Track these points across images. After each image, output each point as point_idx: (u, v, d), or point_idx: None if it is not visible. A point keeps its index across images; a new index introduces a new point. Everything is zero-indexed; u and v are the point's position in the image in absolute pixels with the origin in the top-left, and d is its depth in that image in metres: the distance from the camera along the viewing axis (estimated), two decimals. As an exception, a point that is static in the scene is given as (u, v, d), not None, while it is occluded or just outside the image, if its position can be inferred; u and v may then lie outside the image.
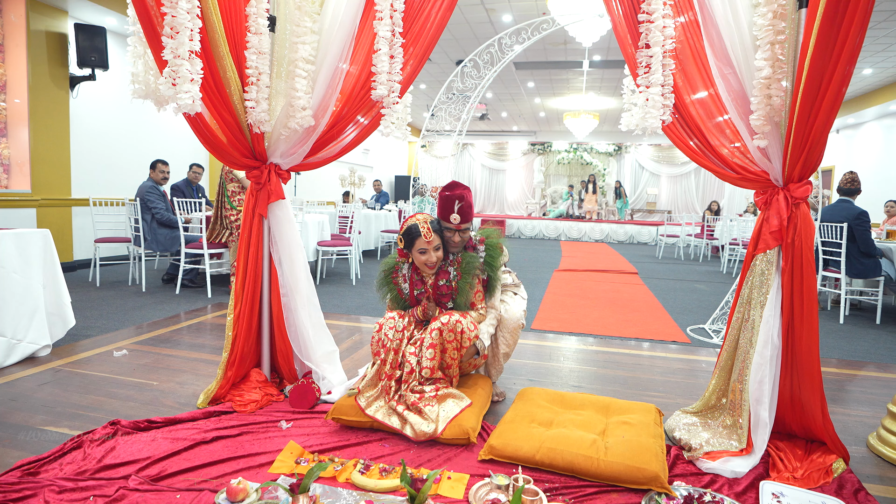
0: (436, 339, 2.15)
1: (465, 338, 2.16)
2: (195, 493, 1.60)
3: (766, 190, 2.00)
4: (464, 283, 2.27)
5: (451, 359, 2.19)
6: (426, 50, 2.36)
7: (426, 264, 2.24)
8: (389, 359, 2.18)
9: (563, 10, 5.18)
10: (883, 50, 7.86)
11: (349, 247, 5.81)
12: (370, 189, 13.26)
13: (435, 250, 2.23)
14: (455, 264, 2.30)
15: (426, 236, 2.20)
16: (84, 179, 6.20)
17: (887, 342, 3.98)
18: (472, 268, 2.29)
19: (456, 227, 2.28)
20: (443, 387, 2.16)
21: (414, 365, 2.16)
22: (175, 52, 1.88)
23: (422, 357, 2.16)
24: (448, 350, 2.17)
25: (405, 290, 2.36)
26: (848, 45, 1.63)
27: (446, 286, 2.30)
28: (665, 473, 1.74)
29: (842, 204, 4.71)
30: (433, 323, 2.18)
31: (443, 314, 2.21)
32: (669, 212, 16.14)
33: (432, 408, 2.06)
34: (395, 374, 2.17)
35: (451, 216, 2.27)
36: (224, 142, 2.26)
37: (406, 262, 2.36)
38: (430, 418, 2.02)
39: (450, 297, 2.31)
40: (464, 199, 2.27)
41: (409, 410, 2.07)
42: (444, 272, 2.31)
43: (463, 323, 2.16)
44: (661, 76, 2.04)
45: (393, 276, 2.38)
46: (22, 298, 2.82)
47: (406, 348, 2.19)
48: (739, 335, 2.06)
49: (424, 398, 2.09)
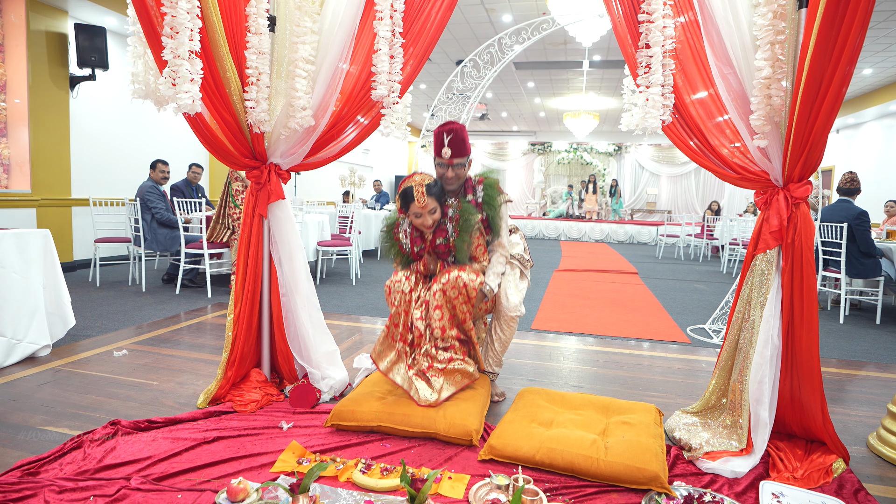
0: (440, 300, 2.16)
1: (469, 289, 2.17)
2: (196, 493, 1.60)
3: (766, 190, 2.00)
4: (461, 242, 2.25)
5: (463, 313, 2.19)
6: (426, 50, 2.36)
7: (422, 226, 2.27)
8: (400, 321, 2.22)
9: (563, 10, 5.18)
10: (883, 50, 7.86)
11: (349, 247, 5.81)
12: (370, 189, 13.26)
13: (430, 213, 2.22)
14: (453, 221, 2.28)
15: (419, 201, 2.19)
16: (84, 179, 6.20)
17: (887, 342, 3.98)
18: (470, 226, 2.26)
19: (448, 161, 2.28)
20: (457, 358, 2.18)
21: (423, 329, 2.18)
22: (175, 52, 1.88)
23: (430, 319, 2.17)
24: (457, 306, 2.18)
25: (406, 246, 2.37)
26: (848, 45, 1.63)
27: (443, 244, 2.29)
28: (665, 473, 1.74)
29: (842, 204, 4.71)
30: (434, 284, 2.20)
31: (443, 272, 2.22)
32: (669, 212, 16.14)
33: (437, 379, 2.13)
34: (408, 336, 2.21)
35: (443, 150, 2.27)
36: (224, 142, 2.25)
37: (406, 218, 2.37)
38: (434, 388, 2.11)
39: (449, 254, 2.31)
40: (453, 132, 2.26)
41: (418, 376, 2.15)
42: (441, 230, 2.30)
43: (463, 276, 2.17)
44: (661, 76, 2.04)
45: (394, 232, 2.40)
46: (22, 298, 2.82)
47: (413, 312, 2.20)
48: (739, 335, 2.06)
49: (433, 368, 2.14)
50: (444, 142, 2.27)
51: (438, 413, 2.07)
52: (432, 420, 2.03)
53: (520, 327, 3.92)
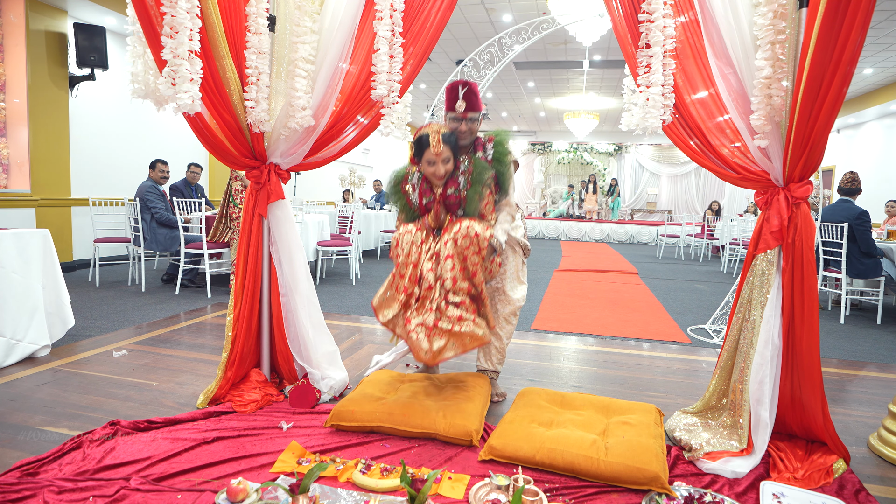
0: (451, 249, 2.12)
1: (481, 239, 2.13)
2: (196, 494, 1.60)
3: (767, 190, 1.99)
4: (473, 193, 2.24)
5: (474, 265, 2.14)
6: (426, 50, 2.36)
7: (434, 175, 2.23)
8: (408, 273, 2.16)
9: (563, 9, 5.18)
10: (884, 50, 7.86)
11: (349, 247, 5.80)
12: (370, 189, 13.26)
13: (444, 163, 2.20)
14: (466, 174, 2.26)
15: (434, 148, 2.17)
16: (83, 179, 6.20)
17: (888, 342, 3.97)
18: (483, 178, 2.25)
19: (461, 115, 2.29)
20: (467, 318, 2.10)
21: (432, 281, 2.13)
22: (174, 51, 1.88)
23: (442, 270, 2.12)
24: (468, 257, 2.13)
25: (414, 200, 2.34)
26: (849, 44, 1.62)
27: (454, 195, 2.26)
28: (665, 474, 1.74)
29: (842, 204, 4.70)
30: (445, 235, 2.16)
31: (453, 223, 2.19)
32: (670, 212, 16.14)
33: (440, 340, 2.07)
34: (414, 290, 2.15)
35: (457, 104, 2.28)
36: (224, 142, 2.25)
37: (416, 172, 2.34)
38: (435, 349, 2.05)
39: (459, 206, 2.28)
40: (468, 86, 2.28)
41: (421, 328, 2.08)
42: (453, 181, 2.27)
43: (475, 226, 2.14)
44: (661, 76, 2.04)
45: (402, 185, 2.37)
46: (21, 298, 2.82)
47: (423, 264, 2.16)
48: (740, 335, 2.06)
49: (438, 328, 2.08)
50: (458, 95, 2.28)
51: (438, 413, 2.06)
52: (432, 420, 2.03)
53: (520, 327, 3.92)
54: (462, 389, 2.30)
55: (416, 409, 2.09)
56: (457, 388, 2.32)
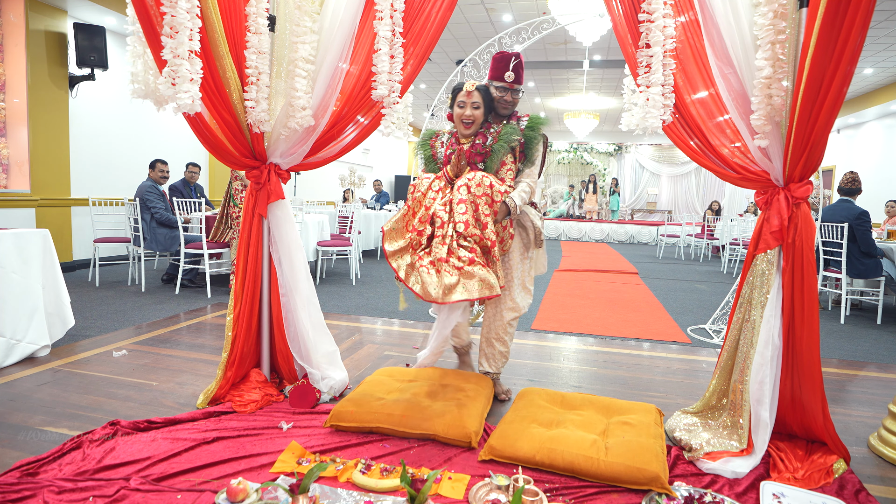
0: (464, 194, 2.14)
1: (495, 191, 2.16)
2: (196, 494, 1.60)
3: (767, 190, 1.99)
4: (498, 147, 2.29)
5: (486, 215, 2.15)
6: (426, 50, 2.36)
7: (462, 119, 2.30)
8: (420, 213, 2.20)
9: (563, 9, 5.17)
10: (884, 49, 7.86)
11: (349, 247, 5.80)
12: (370, 189, 13.25)
13: (472, 107, 2.29)
14: (495, 134, 2.33)
15: (467, 89, 2.29)
16: (83, 179, 6.19)
17: (888, 342, 3.97)
18: (510, 137, 2.31)
19: (509, 85, 2.35)
20: (479, 261, 2.08)
21: (445, 219, 2.15)
22: (174, 51, 1.88)
23: (454, 213, 2.14)
24: (479, 206, 2.14)
25: (440, 152, 2.42)
26: (849, 44, 1.62)
27: (480, 146, 2.32)
28: (665, 474, 1.74)
29: (842, 204, 4.70)
30: (459, 181, 2.19)
31: (469, 172, 2.22)
32: (670, 212, 16.14)
33: (451, 276, 2.03)
34: (425, 229, 2.17)
35: (506, 73, 2.33)
36: (224, 142, 2.25)
37: (448, 133, 2.45)
38: (443, 283, 2.01)
39: (482, 159, 2.32)
40: (519, 58, 2.35)
41: (427, 267, 2.08)
42: (481, 135, 2.35)
43: (490, 177, 2.18)
44: (661, 76, 2.04)
45: (432, 140, 2.49)
46: (21, 298, 2.82)
47: (436, 206, 2.19)
48: (740, 335, 2.06)
49: (448, 263, 2.06)
50: (509, 65, 2.32)
51: (437, 414, 2.06)
52: (431, 421, 2.02)
53: (520, 327, 3.92)
54: (463, 390, 2.30)
55: (416, 410, 2.09)
56: (458, 388, 2.32)
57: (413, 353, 3.21)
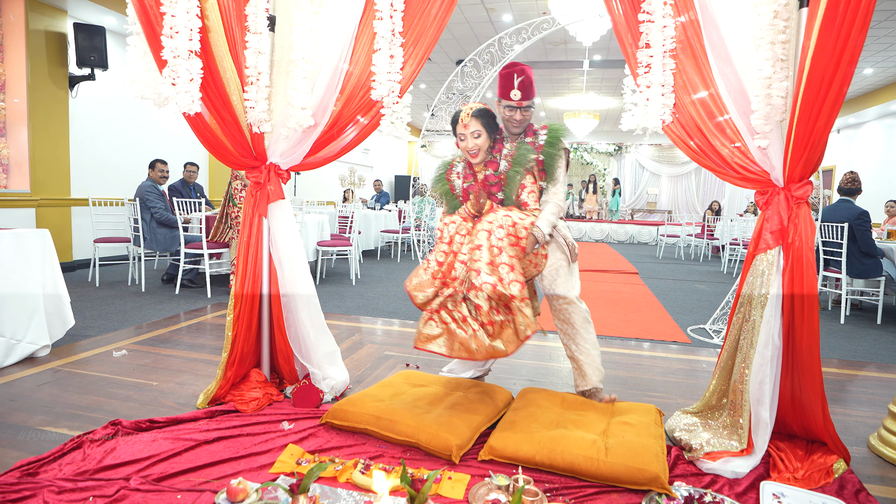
0: (483, 240, 2.04)
1: (518, 229, 2.05)
2: (196, 494, 1.60)
3: (767, 190, 1.99)
4: (513, 173, 2.20)
5: (511, 257, 2.03)
6: (426, 50, 2.36)
7: (467, 152, 2.23)
8: (447, 261, 2.13)
9: (563, 9, 5.17)
10: (884, 49, 7.86)
11: (349, 247, 5.80)
12: (370, 189, 13.26)
13: (473, 137, 2.19)
14: (508, 157, 2.23)
15: (462, 121, 2.20)
16: (83, 179, 6.19)
17: (888, 342, 3.97)
18: (524, 160, 2.20)
19: (517, 103, 2.24)
20: (472, 324, 2.01)
21: (461, 273, 2.06)
22: (175, 51, 1.88)
23: (470, 261, 2.05)
24: (504, 250, 2.02)
25: (457, 186, 2.34)
26: (849, 44, 1.62)
27: (493, 175, 2.23)
28: (665, 474, 1.74)
29: (842, 204, 4.70)
30: (479, 223, 2.10)
31: (490, 212, 2.12)
32: (670, 212, 16.13)
33: (436, 328, 2.04)
34: (447, 279, 2.11)
35: (512, 92, 2.22)
36: (224, 142, 2.25)
37: (462, 161, 2.35)
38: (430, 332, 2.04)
39: (499, 188, 2.24)
40: (524, 74, 2.22)
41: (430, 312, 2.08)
42: (493, 163, 2.26)
43: (512, 215, 2.08)
44: (661, 76, 2.04)
45: (447, 174, 2.39)
46: (21, 298, 2.82)
47: (460, 255, 2.11)
48: (740, 335, 2.06)
49: (441, 316, 2.05)
50: (513, 83, 2.20)
51: (426, 423, 1.98)
52: (416, 429, 1.95)
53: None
54: (469, 401, 2.21)
55: (406, 416, 2.02)
56: (464, 397, 2.26)
57: (413, 353, 3.21)
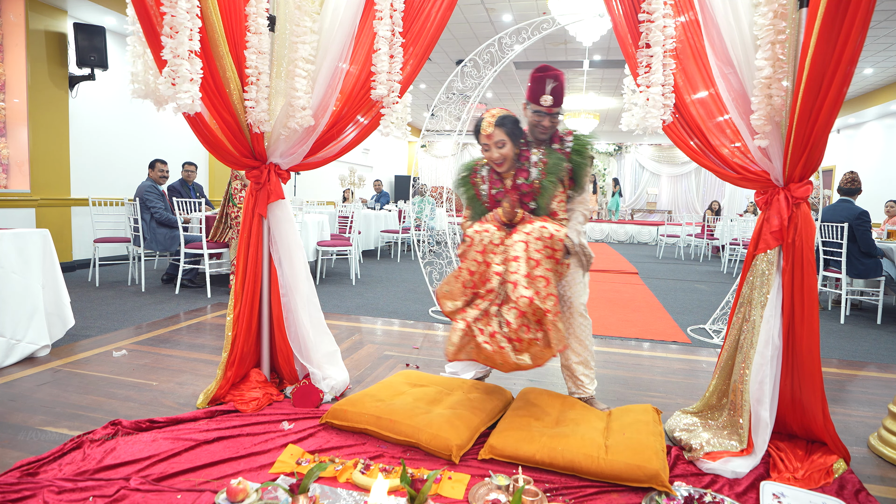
0: (520, 251, 2.01)
1: (555, 241, 2.01)
2: (196, 494, 1.60)
3: (767, 190, 1.99)
4: (548, 183, 2.13)
5: (548, 270, 2.00)
6: (426, 50, 2.36)
7: (491, 160, 2.16)
8: (478, 271, 2.07)
9: (563, 9, 5.17)
10: (884, 49, 7.85)
11: (349, 247, 5.80)
12: (370, 189, 13.26)
13: (497, 147, 2.12)
14: (539, 165, 2.17)
15: (485, 130, 2.11)
16: (83, 179, 6.19)
17: (888, 342, 3.97)
18: (558, 169, 2.15)
19: (547, 109, 2.17)
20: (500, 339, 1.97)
21: (496, 285, 2.03)
22: (174, 51, 1.88)
23: (506, 273, 2.01)
24: (541, 262, 2.00)
25: (483, 192, 2.25)
26: (849, 44, 1.62)
27: (526, 185, 2.16)
28: (666, 472, 1.74)
29: (842, 204, 4.70)
30: (515, 234, 2.05)
31: (525, 222, 2.08)
32: (670, 212, 16.12)
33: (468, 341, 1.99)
34: (480, 290, 2.06)
35: (542, 97, 2.15)
36: (224, 142, 2.25)
37: (486, 165, 2.27)
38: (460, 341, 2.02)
39: (531, 198, 2.16)
40: (558, 80, 2.15)
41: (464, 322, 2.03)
42: (523, 171, 2.18)
43: (548, 227, 2.03)
44: (661, 76, 2.04)
45: (471, 177, 2.29)
46: (21, 298, 2.82)
47: (493, 266, 2.05)
48: (740, 335, 2.06)
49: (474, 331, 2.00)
50: (545, 88, 2.13)
51: (426, 423, 1.98)
52: (417, 429, 1.95)
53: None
54: (469, 401, 2.20)
55: (406, 416, 2.02)
56: (464, 398, 2.25)
57: (413, 353, 3.21)
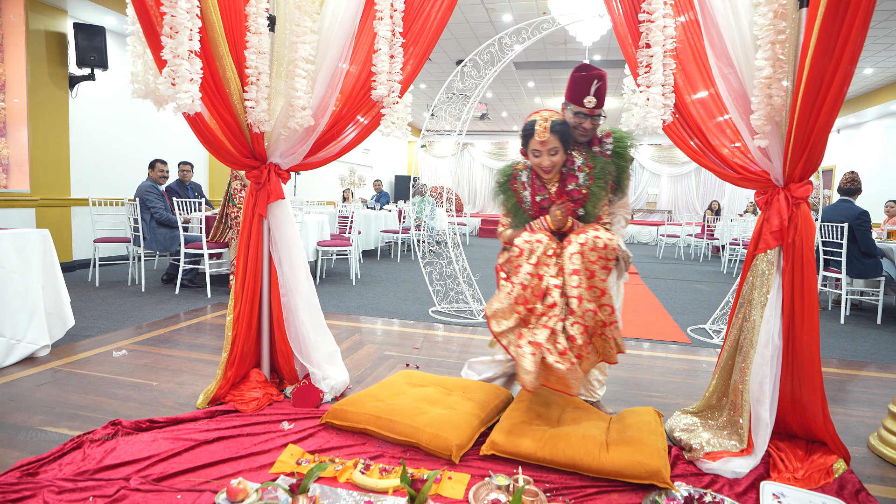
0: (577, 263, 1.92)
1: (608, 251, 1.92)
2: (196, 494, 1.60)
3: (767, 190, 1.99)
4: (597, 188, 2.06)
5: (603, 281, 1.93)
6: (426, 50, 2.36)
7: (539, 167, 2.07)
8: (532, 285, 1.95)
9: (563, 9, 5.17)
10: (884, 49, 7.85)
11: (349, 247, 5.80)
12: (370, 189, 13.26)
13: (550, 154, 2.03)
14: (586, 168, 2.09)
15: (539, 136, 2.00)
16: (83, 179, 6.19)
17: (888, 342, 3.97)
18: (605, 174, 2.08)
19: (589, 111, 2.10)
20: (571, 357, 1.90)
21: (557, 298, 1.92)
22: (174, 51, 1.88)
23: (566, 287, 1.92)
24: (596, 272, 1.92)
25: (526, 199, 2.16)
26: (849, 44, 1.62)
27: (576, 191, 2.08)
28: (667, 469, 1.74)
29: (842, 204, 4.70)
30: (570, 246, 1.96)
31: (577, 232, 1.99)
32: (670, 212, 16.12)
33: (562, 364, 1.86)
34: (536, 305, 1.94)
35: (586, 98, 2.07)
36: (223, 142, 2.25)
37: (525, 169, 2.18)
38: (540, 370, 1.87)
39: (581, 204, 2.09)
40: (602, 80, 2.08)
41: (532, 346, 1.89)
42: (572, 176, 2.09)
43: (602, 236, 1.93)
44: (661, 76, 2.04)
45: (511, 183, 2.19)
46: (21, 298, 2.82)
47: (548, 279, 1.96)
48: (740, 335, 2.06)
49: (546, 352, 1.87)
50: (589, 89, 2.06)
51: (426, 423, 1.97)
52: (415, 430, 1.95)
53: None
54: (469, 401, 2.19)
55: (406, 416, 2.01)
56: (464, 397, 2.24)
57: (413, 353, 3.21)
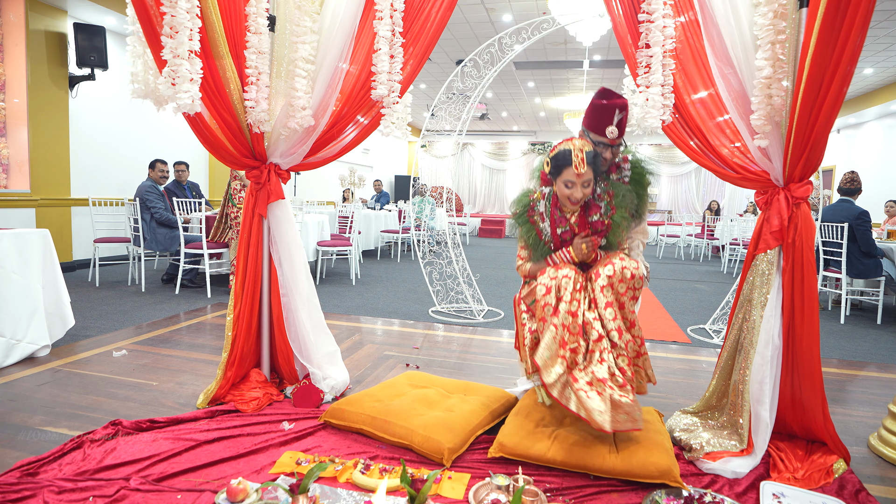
0: (609, 296, 1.87)
1: (636, 280, 1.88)
2: (196, 494, 1.60)
3: (767, 190, 1.99)
4: (620, 219, 2.00)
5: (631, 312, 1.90)
6: (426, 50, 2.36)
7: (570, 199, 1.97)
8: (570, 323, 1.84)
9: (563, 9, 5.17)
10: (884, 49, 7.85)
11: (349, 247, 5.80)
12: (370, 189, 13.26)
13: (583, 186, 1.93)
14: (608, 197, 2.02)
15: (577, 168, 1.90)
16: (83, 179, 6.19)
17: (888, 342, 3.97)
18: (627, 203, 2.01)
19: (610, 141, 2.03)
20: (627, 387, 1.81)
21: (601, 330, 1.84)
22: (174, 51, 1.88)
23: (603, 318, 1.86)
24: (626, 304, 1.89)
25: (545, 230, 2.07)
26: (849, 44, 1.62)
27: (600, 222, 2.02)
28: (676, 467, 1.75)
29: (842, 204, 4.70)
30: (598, 279, 1.89)
31: (602, 263, 1.92)
32: (670, 212, 16.13)
33: (627, 398, 1.74)
34: (578, 345, 1.84)
35: (609, 129, 2.00)
36: (224, 142, 2.25)
37: (542, 200, 2.08)
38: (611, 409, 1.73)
39: (604, 234, 2.03)
40: (625, 110, 2.01)
41: (590, 387, 1.77)
42: (594, 206, 2.02)
43: (629, 266, 1.88)
44: (661, 76, 2.04)
45: (530, 215, 2.10)
46: (21, 298, 2.82)
47: (584, 313, 1.87)
48: (740, 335, 2.06)
49: (616, 380, 1.79)
50: (612, 119, 1.99)
51: (420, 425, 1.96)
52: (409, 431, 1.94)
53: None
54: (468, 404, 2.17)
55: (401, 417, 2.01)
56: (463, 399, 2.23)
57: (413, 353, 3.21)
